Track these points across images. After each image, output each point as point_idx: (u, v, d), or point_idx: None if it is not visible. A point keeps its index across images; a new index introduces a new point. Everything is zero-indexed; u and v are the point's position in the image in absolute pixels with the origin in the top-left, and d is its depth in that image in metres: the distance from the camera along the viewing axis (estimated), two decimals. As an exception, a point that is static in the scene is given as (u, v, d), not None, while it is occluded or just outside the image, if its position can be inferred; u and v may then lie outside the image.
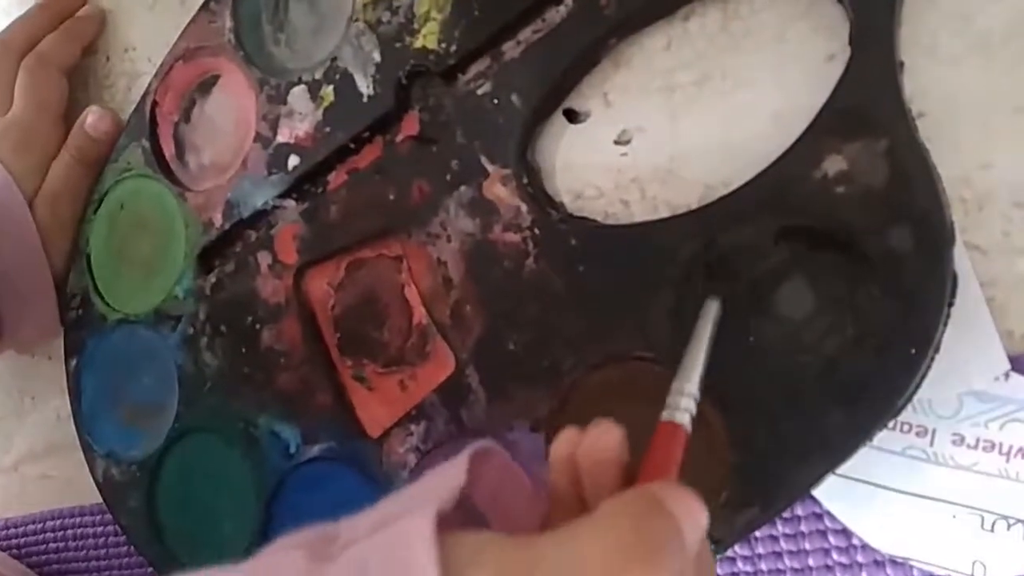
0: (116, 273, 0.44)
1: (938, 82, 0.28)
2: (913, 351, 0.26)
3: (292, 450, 0.38)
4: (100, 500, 0.44)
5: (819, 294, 0.28)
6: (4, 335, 0.45)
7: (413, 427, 0.35)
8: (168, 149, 0.43)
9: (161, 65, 0.43)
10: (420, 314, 0.36)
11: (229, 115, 0.42)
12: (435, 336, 0.35)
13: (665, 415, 0.26)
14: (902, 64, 0.28)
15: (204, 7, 0.42)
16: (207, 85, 0.42)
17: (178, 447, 0.42)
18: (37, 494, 0.51)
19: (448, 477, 0.22)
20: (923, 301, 0.26)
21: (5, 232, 0.43)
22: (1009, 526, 0.27)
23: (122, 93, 0.47)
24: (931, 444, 0.28)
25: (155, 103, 0.43)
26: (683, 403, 0.26)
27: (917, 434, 0.28)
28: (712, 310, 0.28)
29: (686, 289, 0.30)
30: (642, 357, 0.31)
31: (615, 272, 0.31)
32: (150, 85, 0.43)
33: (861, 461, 0.28)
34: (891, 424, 0.28)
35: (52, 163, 0.45)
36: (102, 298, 0.44)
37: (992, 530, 0.27)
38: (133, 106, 0.44)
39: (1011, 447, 0.27)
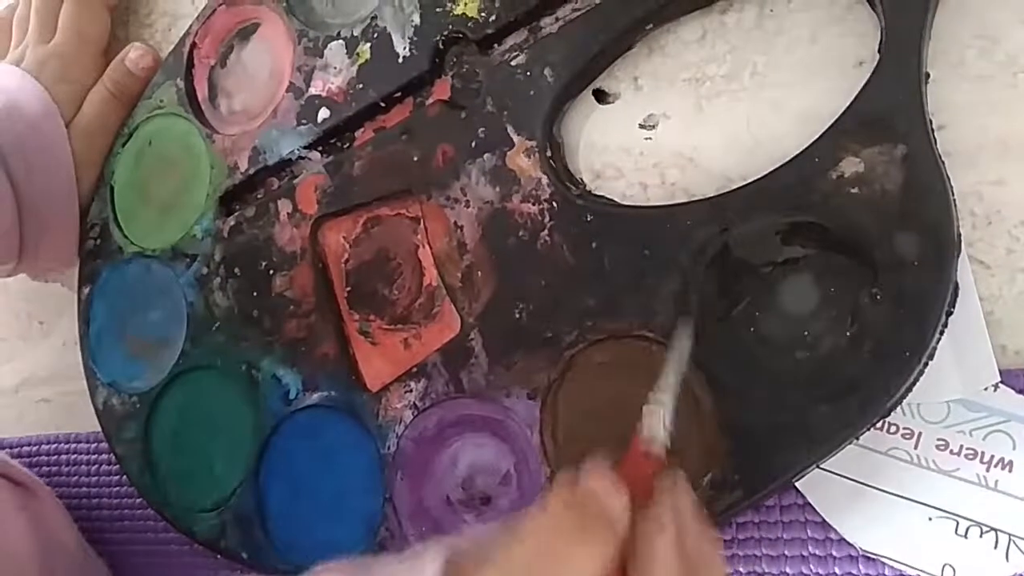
0: (138, 207, 0.45)
1: (961, 97, 0.29)
2: (907, 355, 0.27)
3: (292, 396, 0.39)
4: (97, 429, 0.45)
5: (822, 291, 0.29)
6: (22, 259, 0.46)
7: (413, 384, 0.36)
8: (201, 91, 0.44)
9: (204, 8, 0.44)
10: (431, 275, 0.36)
11: (265, 63, 0.42)
12: (443, 298, 0.36)
13: (641, 438, 0.26)
14: (928, 76, 0.28)
15: (251, -45, 0.43)
16: (247, 32, 0.43)
17: (180, 383, 0.42)
18: (35, 418, 0.52)
19: None
20: (923, 308, 0.27)
21: (43, 159, 0.43)
22: (982, 533, 0.27)
23: (161, 33, 0.48)
24: (916, 447, 0.28)
25: (194, 45, 0.44)
26: (659, 430, 0.26)
27: (903, 436, 0.29)
28: (685, 332, 0.29)
29: (694, 275, 0.31)
30: (643, 336, 0.31)
31: (626, 252, 0.32)
32: (191, 27, 0.44)
33: (846, 458, 0.29)
34: (879, 424, 0.29)
35: (88, 94, 0.45)
36: (121, 230, 0.45)
37: (965, 536, 0.28)
38: (171, 46, 0.45)
39: (992, 457, 0.27)
